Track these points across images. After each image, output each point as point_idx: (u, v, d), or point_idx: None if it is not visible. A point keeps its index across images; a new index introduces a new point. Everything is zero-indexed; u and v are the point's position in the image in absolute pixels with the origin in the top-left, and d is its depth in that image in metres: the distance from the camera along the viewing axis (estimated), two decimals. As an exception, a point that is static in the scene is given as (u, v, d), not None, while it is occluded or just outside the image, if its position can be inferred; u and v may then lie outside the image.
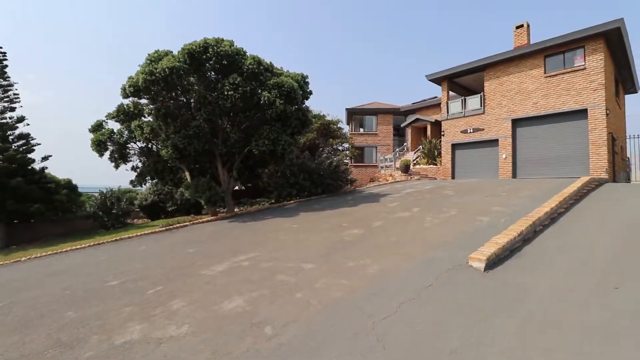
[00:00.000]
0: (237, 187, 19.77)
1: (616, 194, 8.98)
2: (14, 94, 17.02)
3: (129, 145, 13.84)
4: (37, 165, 16.87)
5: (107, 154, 13.46)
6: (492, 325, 3.10)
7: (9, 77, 16.99)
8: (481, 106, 16.82)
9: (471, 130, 17.15)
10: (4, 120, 16.54)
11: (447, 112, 18.41)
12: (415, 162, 21.12)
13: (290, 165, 14.80)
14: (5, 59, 16.88)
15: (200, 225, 10.88)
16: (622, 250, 4.81)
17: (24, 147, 16.63)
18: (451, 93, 19.13)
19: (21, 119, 16.88)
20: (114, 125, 14.44)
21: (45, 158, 17.35)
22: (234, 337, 3.26)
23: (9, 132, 16.50)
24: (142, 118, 13.33)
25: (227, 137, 12.89)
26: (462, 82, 19.24)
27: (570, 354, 2.61)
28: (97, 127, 13.40)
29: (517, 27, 16.73)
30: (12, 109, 16.92)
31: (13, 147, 16.18)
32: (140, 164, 14.80)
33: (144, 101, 12.91)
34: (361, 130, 27.64)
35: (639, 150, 13.54)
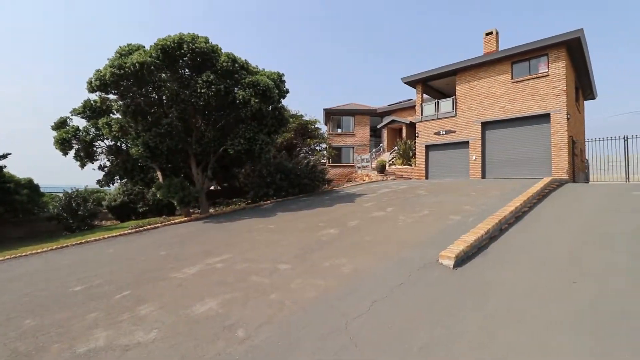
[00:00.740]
0: (212, 187, 19.35)
1: (575, 194, 9.57)
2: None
3: (96, 144, 13.22)
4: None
5: (72, 152, 12.78)
6: (460, 321, 3.22)
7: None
8: (453, 109, 17.41)
9: (444, 132, 17.71)
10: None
11: (421, 114, 18.90)
12: (391, 162, 21.53)
13: (267, 165, 14.66)
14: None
15: (173, 227, 10.56)
16: (579, 246, 5.13)
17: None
18: (425, 96, 19.67)
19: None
20: (79, 122, 13.74)
21: (3, 156, 16.20)
22: (205, 341, 3.19)
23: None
24: (111, 115, 12.76)
25: (202, 136, 12.58)
26: (436, 85, 19.83)
27: (532, 345, 2.76)
28: (60, 124, 12.70)
29: (487, 34, 17.46)
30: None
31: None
32: (108, 163, 14.17)
33: (112, 97, 12.38)
34: (339, 130, 27.84)
35: (597, 153, 14.51)
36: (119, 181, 15.69)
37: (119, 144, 13.60)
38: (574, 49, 14.08)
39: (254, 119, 12.17)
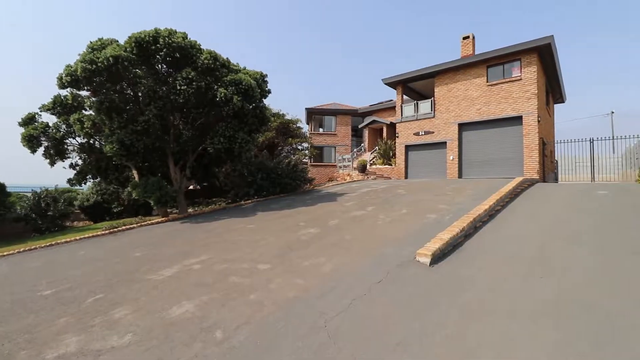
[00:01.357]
0: (191, 187, 18.98)
1: (545, 193, 10.03)
2: None
3: (67, 141, 12.67)
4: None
5: (41, 150, 12.21)
6: (435, 316, 3.33)
7: None
8: (432, 110, 17.83)
9: (423, 133, 18.11)
10: None
11: (401, 115, 19.25)
12: (371, 162, 21.80)
13: (247, 164, 14.52)
14: None
15: (149, 227, 10.27)
16: (547, 243, 5.39)
17: None
18: (405, 97, 20.03)
19: None
20: (49, 119, 13.11)
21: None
22: (181, 344, 3.14)
23: None
24: (83, 111, 12.26)
25: (180, 134, 12.31)
26: (415, 87, 20.24)
27: (501, 337, 2.89)
28: (28, 121, 12.10)
29: (464, 38, 18.00)
30: None
31: None
32: (80, 161, 13.62)
33: (84, 93, 11.89)
34: (320, 130, 27.92)
35: (565, 154, 15.27)
36: (92, 180, 15.11)
37: (91, 141, 13.10)
38: (544, 54, 14.74)
39: (235, 118, 12.01)
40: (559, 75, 17.08)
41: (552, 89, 18.96)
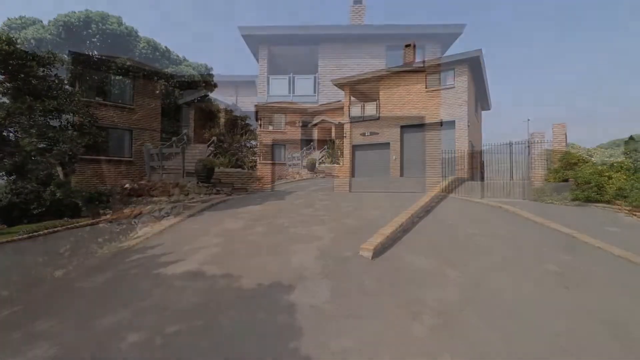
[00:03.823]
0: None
1: (471, 190, 11.21)
2: None
3: (-28, 132, 10.92)
4: None
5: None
6: (374, 304, 3.63)
7: None
8: (377, 112, 18.73)
9: (368, 134, 18.94)
10: None
11: (349, 116, 19.90)
12: (320, 161, 22.24)
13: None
14: None
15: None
16: (470, 234, 6.08)
17: None
18: (353, 98, 20.74)
19: None
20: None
21: None
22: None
23: None
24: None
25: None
26: (362, 89, 21.03)
27: (429, 316, 3.27)
28: None
29: (406, 46, 19.18)
30: None
31: None
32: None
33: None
34: (270, 127, 27.64)
35: (490, 156, 17.12)
36: (4, 178, 13.23)
37: (5, 133, 11.47)
38: (474, 66, 16.38)
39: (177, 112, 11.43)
40: (486, 85, 19.09)
41: (480, 98, 21.11)
